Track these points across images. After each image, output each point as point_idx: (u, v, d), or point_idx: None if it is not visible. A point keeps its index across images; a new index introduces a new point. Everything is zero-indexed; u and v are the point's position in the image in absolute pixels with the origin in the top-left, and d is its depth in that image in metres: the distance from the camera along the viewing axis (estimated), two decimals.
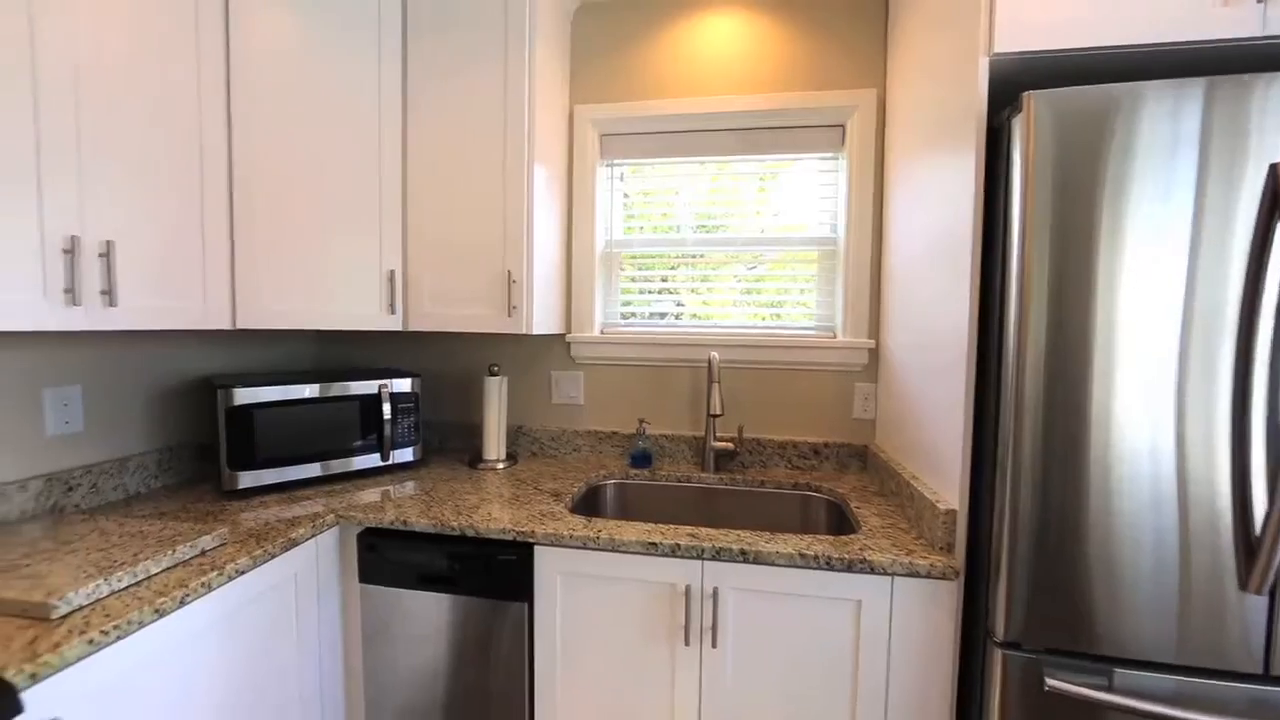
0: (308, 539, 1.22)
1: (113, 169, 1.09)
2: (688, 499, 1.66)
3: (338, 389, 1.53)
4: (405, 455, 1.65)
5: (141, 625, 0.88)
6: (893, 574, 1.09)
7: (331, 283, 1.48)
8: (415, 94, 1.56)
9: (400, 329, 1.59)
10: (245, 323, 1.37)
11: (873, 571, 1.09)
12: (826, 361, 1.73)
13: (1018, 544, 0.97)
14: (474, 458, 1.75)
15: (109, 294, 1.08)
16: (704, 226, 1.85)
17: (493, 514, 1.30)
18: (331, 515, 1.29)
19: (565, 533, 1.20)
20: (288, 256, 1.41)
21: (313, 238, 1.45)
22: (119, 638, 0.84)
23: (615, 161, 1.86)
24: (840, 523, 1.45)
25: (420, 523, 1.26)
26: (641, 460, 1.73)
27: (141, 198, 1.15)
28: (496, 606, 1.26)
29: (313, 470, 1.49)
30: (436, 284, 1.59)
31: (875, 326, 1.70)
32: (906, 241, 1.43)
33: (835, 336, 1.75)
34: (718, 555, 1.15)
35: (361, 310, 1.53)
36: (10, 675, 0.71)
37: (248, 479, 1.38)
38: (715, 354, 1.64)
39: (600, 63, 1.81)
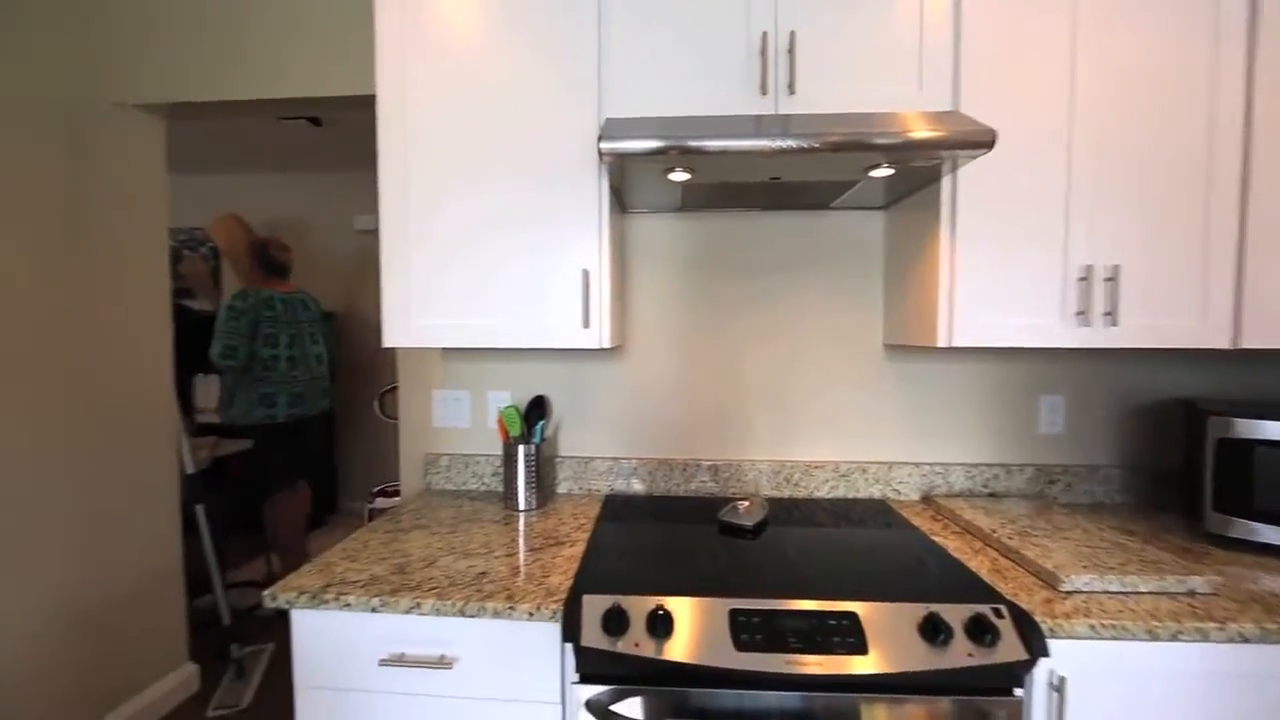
0: None
1: (1117, 206, 1.17)
2: None
3: None
4: None
5: (1131, 636, 0.89)
6: None
7: None
8: None
9: None
10: (1251, 342, 1.15)
11: None
12: None
13: None
14: None
15: (1111, 315, 1.17)
16: None
17: None
18: None
19: None
20: None
21: None
22: (1112, 637, 0.90)
23: None
24: None
25: None
26: None
27: (1140, 226, 1.17)
28: None
29: None
30: None
31: None
32: None
33: None
34: None
35: None
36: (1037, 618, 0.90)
37: (1239, 528, 1.16)
38: None
39: None
